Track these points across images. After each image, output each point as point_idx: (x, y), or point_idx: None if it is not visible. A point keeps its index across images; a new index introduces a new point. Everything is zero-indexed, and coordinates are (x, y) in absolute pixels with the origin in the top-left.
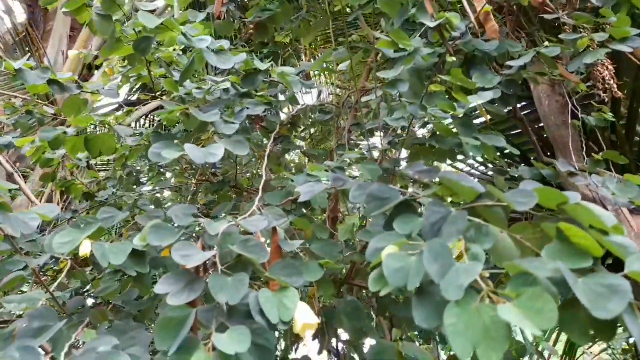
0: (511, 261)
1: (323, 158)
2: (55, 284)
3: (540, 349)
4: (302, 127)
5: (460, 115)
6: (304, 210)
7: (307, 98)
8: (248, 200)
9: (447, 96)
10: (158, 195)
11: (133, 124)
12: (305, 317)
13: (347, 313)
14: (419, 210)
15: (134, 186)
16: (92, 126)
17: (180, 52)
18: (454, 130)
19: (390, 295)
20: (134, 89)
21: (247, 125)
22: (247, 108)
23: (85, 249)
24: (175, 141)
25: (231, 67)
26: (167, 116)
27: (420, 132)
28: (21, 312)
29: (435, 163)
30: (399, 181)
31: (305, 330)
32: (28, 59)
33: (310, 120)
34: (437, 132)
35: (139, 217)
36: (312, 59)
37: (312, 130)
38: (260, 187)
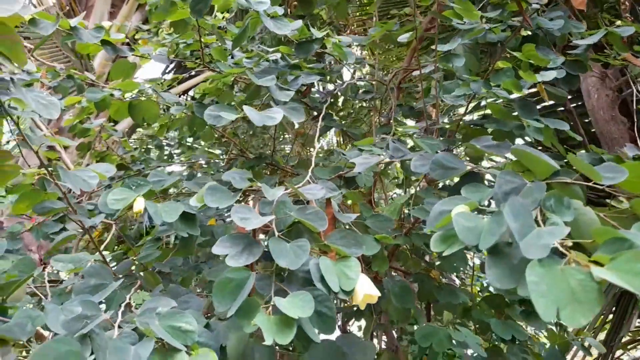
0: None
1: (363, 137)
2: (104, 244)
3: (586, 344)
4: (341, 107)
5: (521, 96)
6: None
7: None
8: (283, 178)
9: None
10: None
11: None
12: (366, 288)
13: (395, 294)
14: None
15: (165, 158)
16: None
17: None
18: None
19: (433, 281)
20: (172, 64)
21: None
22: (301, 77)
23: (139, 205)
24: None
25: (286, 33)
26: (212, 86)
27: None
28: (68, 273)
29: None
30: None
31: (365, 302)
32: (83, 18)
33: (350, 98)
34: (492, 114)
35: (187, 183)
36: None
37: (350, 110)
38: (313, 160)
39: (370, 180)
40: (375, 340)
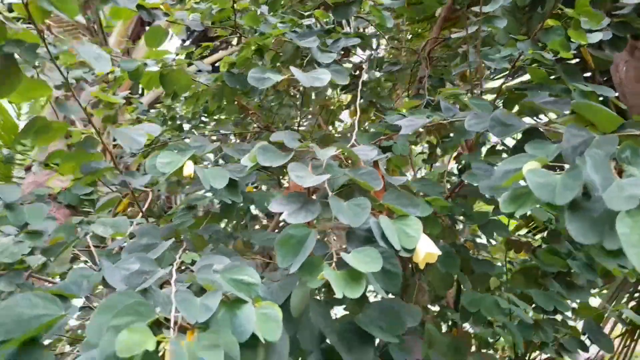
0: None
1: (390, 109)
2: (146, 206)
3: (623, 316)
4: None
5: (565, 60)
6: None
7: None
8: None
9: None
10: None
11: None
12: (428, 247)
13: (440, 259)
14: None
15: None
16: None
17: None
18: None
19: (470, 251)
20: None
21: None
22: (342, 39)
23: (189, 169)
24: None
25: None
26: (242, 55)
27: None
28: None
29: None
30: None
31: (426, 260)
32: None
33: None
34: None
35: (226, 149)
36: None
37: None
38: (356, 125)
39: (406, 148)
40: None
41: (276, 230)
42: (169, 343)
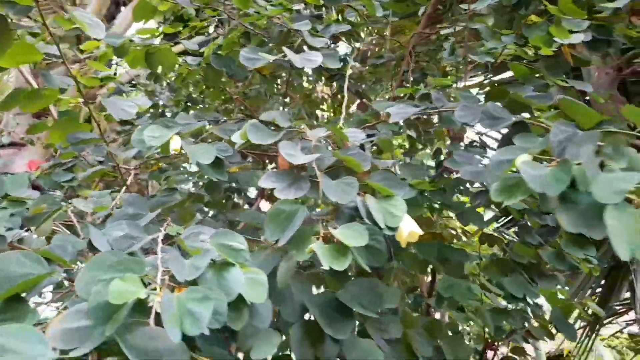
0: None
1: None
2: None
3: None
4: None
5: (547, 55)
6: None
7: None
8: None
9: None
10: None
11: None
12: (411, 226)
13: (419, 246)
14: None
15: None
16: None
17: None
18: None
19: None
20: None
21: None
22: (333, 25)
23: (176, 144)
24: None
25: None
26: (229, 39)
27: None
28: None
29: None
30: None
31: (408, 240)
32: None
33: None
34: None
35: (214, 129)
36: None
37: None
38: (343, 109)
39: (390, 138)
40: None
41: None
42: (162, 293)
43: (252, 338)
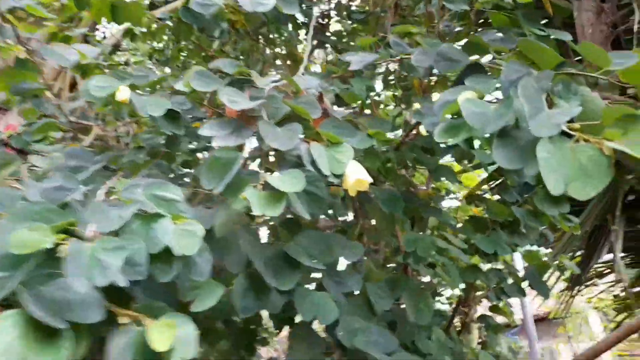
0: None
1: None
2: (89, 141)
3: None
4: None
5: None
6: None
7: None
8: None
9: None
10: None
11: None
12: (358, 173)
13: (384, 200)
14: None
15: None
16: None
17: None
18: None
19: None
20: None
21: None
22: None
23: (123, 95)
24: None
25: None
26: None
27: None
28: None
29: None
30: None
31: (356, 188)
32: None
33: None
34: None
35: (174, 82)
36: None
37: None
38: (306, 57)
39: (363, 93)
40: None
41: None
42: (69, 243)
43: (192, 291)
